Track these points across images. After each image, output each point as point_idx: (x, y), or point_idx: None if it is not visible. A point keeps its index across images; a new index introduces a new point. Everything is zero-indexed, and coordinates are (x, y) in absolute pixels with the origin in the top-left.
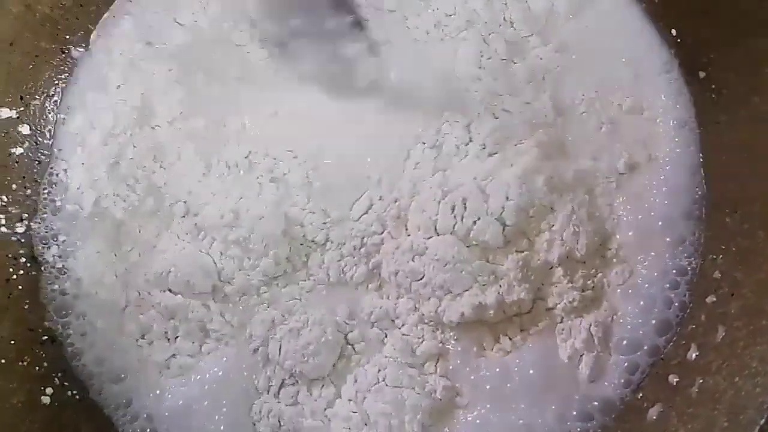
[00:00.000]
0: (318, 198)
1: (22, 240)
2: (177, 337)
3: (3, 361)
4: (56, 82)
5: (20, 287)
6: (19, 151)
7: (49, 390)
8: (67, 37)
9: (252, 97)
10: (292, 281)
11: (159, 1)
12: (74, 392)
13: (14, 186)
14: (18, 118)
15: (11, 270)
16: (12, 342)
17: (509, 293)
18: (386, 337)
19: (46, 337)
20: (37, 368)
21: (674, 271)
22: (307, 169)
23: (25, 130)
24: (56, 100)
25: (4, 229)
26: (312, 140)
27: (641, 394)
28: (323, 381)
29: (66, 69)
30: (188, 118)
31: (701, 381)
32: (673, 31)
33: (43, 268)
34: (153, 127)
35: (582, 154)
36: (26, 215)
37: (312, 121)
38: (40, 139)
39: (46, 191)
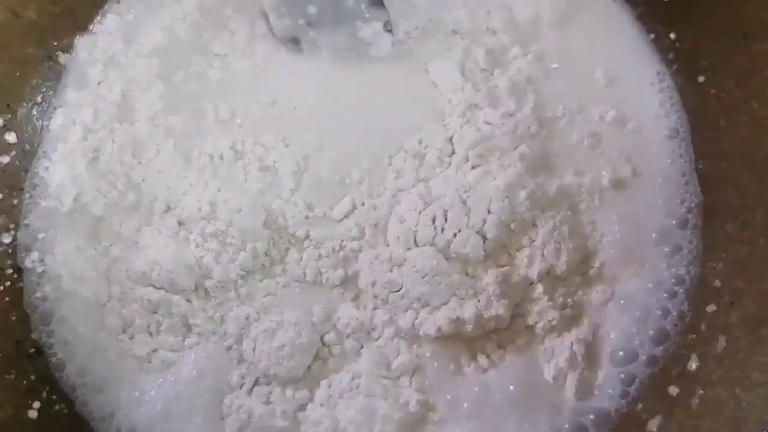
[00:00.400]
0: (304, 189)
1: (9, 251)
2: (160, 331)
3: None
4: (43, 89)
5: (7, 299)
6: (5, 159)
7: (36, 404)
8: (55, 43)
9: (240, 88)
10: (269, 275)
11: (141, 2)
12: (62, 405)
13: (1, 195)
14: (4, 126)
15: None
16: None
17: (487, 308)
18: (362, 348)
19: (33, 350)
20: (24, 381)
21: (672, 281)
22: (298, 158)
23: (11, 138)
24: (43, 107)
25: None
26: (305, 131)
27: (640, 406)
28: (297, 384)
29: (53, 76)
30: (168, 114)
31: (702, 392)
32: (672, 35)
33: (26, 276)
34: (133, 123)
35: (565, 169)
36: (13, 225)
37: (305, 112)
38: (27, 147)
39: (28, 195)
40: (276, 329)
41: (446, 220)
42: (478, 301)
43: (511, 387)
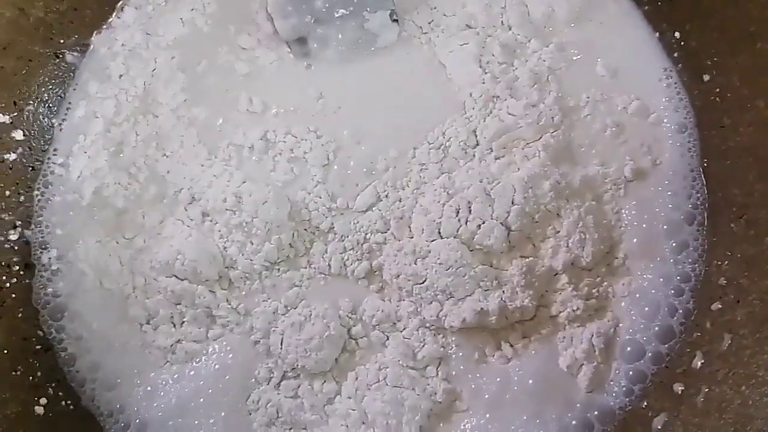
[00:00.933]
0: (330, 181)
1: (16, 247)
2: (183, 322)
3: None
4: (50, 86)
5: (14, 295)
6: (12, 156)
7: (42, 400)
8: (62, 41)
9: (268, 81)
10: (294, 267)
11: None
12: (68, 402)
13: (8, 192)
14: (11, 123)
15: (4, 278)
16: (5, 351)
17: (512, 299)
18: (388, 339)
19: (39, 346)
20: (31, 378)
21: (678, 278)
22: (329, 150)
23: (18, 135)
24: (50, 105)
25: None
26: (333, 123)
27: (646, 403)
28: (325, 376)
29: (60, 74)
30: (192, 106)
31: (707, 390)
32: (677, 34)
33: (37, 272)
34: (156, 116)
35: (589, 159)
36: (20, 222)
37: (332, 105)
38: (34, 144)
39: (39, 192)
40: (304, 322)
41: (470, 211)
42: (503, 292)
43: (530, 381)
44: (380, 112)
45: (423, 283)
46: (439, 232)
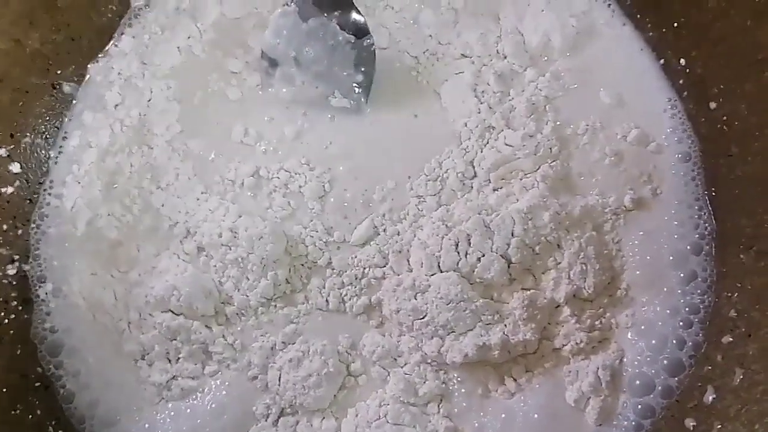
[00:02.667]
0: (327, 215)
1: (14, 282)
2: (179, 358)
3: None
4: (47, 117)
5: (12, 332)
6: (9, 190)
7: None
8: (59, 72)
9: (258, 116)
10: (290, 303)
11: (156, 22)
12: None
13: (5, 226)
14: (8, 156)
15: (2, 314)
16: (4, 390)
17: (514, 333)
18: (388, 375)
19: (38, 383)
20: (31, 416)
21: (686, 309)
22: (324, 181)
23: (15, 168)
24: (48, 137)
25: None
26: (327, 155)
27: None
28: (324, 413)
29: (57, 104)
30: (187, 138)
31: (719, 426)
32: (682, 61)
33: (36, 307)
34: (151, 147)
35: (588, 189)
36: (17, 256)
37: (325, 136)
38: (30, 176)
39: (35, 225)
40: (302, 358)
41: (470, 244)
42: (505, 326)
43: (535, 415)
44: (374, 144)
45: (423, 318)
46: (439, 266)
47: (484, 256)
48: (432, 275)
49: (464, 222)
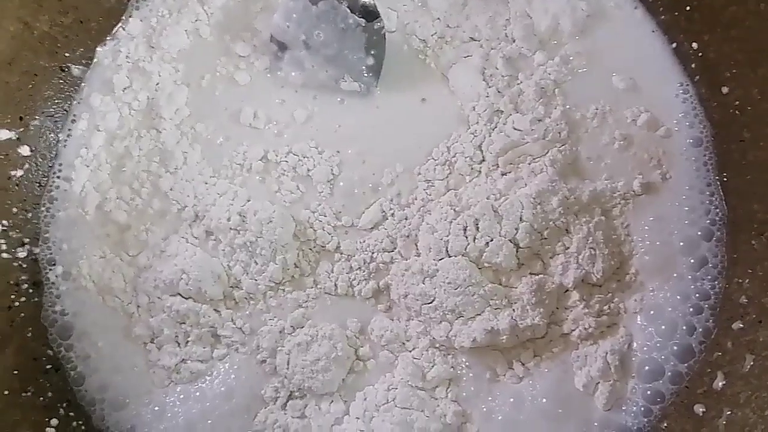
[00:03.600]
0: (336, 199)
1: (24, 265)
2: (188, 341)
3: (7, 392)
4: (57, 101)
5: (23, 314)
6: (19, 173)
7: (54, 421)
8: (67, 54)
9: (266, 99)
10: (299, 287)
11: (164, 5)
12: (79, 422)
13: (14, 209)
14: (18, 139)
15: (13, 297)
16: (15, 372)
17: (523, 318)
18: (396, 359)
19: (49, 366)
20: (42, 398)
21: (697, 295)
22: (333, 165)
23: (25, 151)
24: (57, 120)
25: (5, 255)
26: (336, 138)
27: (666, 424)
28: (332, 396)
29: (66, 87)
30: (196, 121)
31: (729, 413)
32: (694, 45)
33: (46, 290)
34: (159, 131)
35: (597, 173)
36: (27, 239)
37: (335, 120)
38: (40, 159)
39: (45, 208)
40: (310, 342)
41: (478, 228)
42: (513, 310)
43: (544, 400)
44: (383, 128)
45: (431, 302)
46: (447, 251)
47: (492, 240)
48: (440, 260)
49: (473, 206)
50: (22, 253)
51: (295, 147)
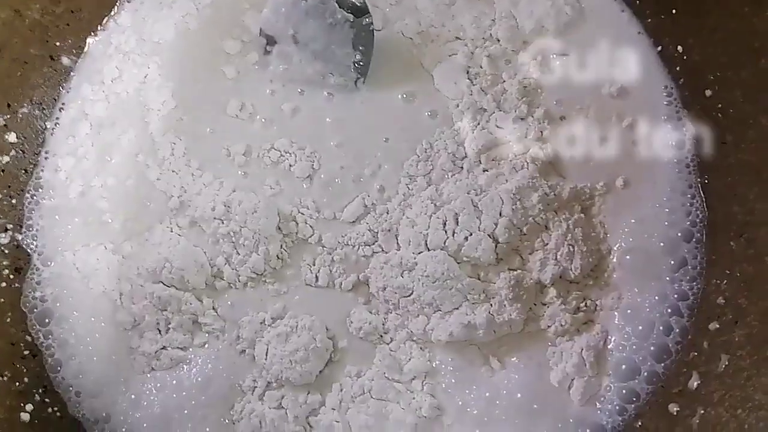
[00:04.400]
0: (317, 192)
1: (6, 251)
2: (169, 328)
3: None
4: (45, 89)
5: (2, 299)
6: (5, 159)
7: (29, 406)
8: (57, 44)
9: (253, 92)
10: (280, 278)
11: None
12: (54, 408)
13: None
14: (5, 125)
15: None
16: None
17: (500, 313)
18: (374, 351)
19: (27, 352)
20: (18, 383)
21: (675, 296)
22: (313, 160)
23: (11, 138)
24: (44, 107)
25: None
26: (318, 132)
27: (640, 423)
28: (309, 387)
29: (55, 76)
30: (183, 113)
31: (702, 412)
32: (679, 48)
33: (27, 276)
34: (146, 121)
35: (578, 172)
36: (11, 225)
37: (321, 115)
38: (27, 147)
39: (30, 195)
40: (290, 333)
41: (457, 223)
42: (491, 305)
43: (519, 395)
44: (368, 124)
45: (410, 295)
46: (426, 244)
47: (471, 235)
48: (419, 253)
49: (453, 201)
50: (4, 239)
51: (279, 140)
